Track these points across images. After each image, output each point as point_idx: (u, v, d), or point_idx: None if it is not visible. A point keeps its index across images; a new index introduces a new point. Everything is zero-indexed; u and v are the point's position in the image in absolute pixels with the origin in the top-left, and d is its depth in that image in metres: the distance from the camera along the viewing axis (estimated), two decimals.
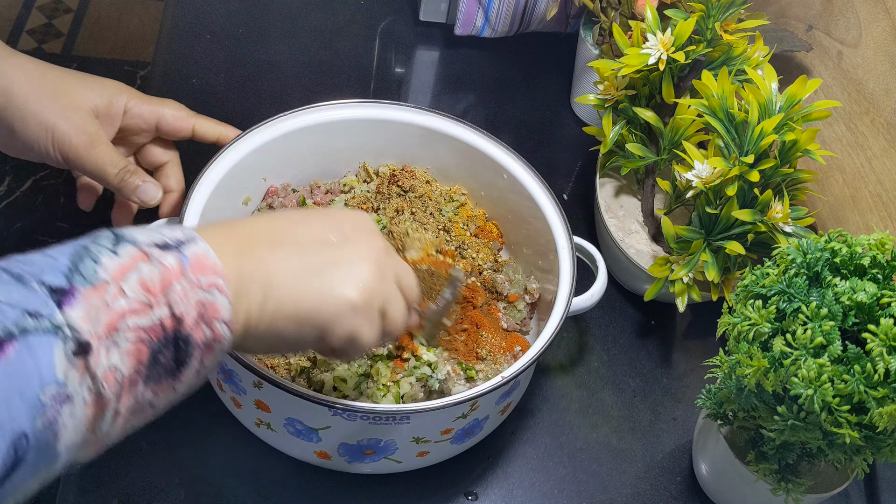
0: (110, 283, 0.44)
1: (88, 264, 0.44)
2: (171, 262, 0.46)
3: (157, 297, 0.45)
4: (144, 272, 0.45)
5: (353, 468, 0.75)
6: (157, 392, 0.46)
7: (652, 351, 0.93)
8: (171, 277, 0.46)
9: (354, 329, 0.55)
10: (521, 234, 0.88)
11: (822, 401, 0.59)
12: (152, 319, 0.45)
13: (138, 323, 0.44)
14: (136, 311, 0.44)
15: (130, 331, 0.44)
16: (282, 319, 0.52)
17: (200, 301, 0.47)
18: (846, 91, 0.97)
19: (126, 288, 0.44)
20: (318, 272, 0.54)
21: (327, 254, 0.55)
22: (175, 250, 0.47)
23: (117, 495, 0.73)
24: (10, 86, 0.70)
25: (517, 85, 1.17)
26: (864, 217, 0.93)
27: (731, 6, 0.85)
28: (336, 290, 0.54)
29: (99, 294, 0.43)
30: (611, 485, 0.82)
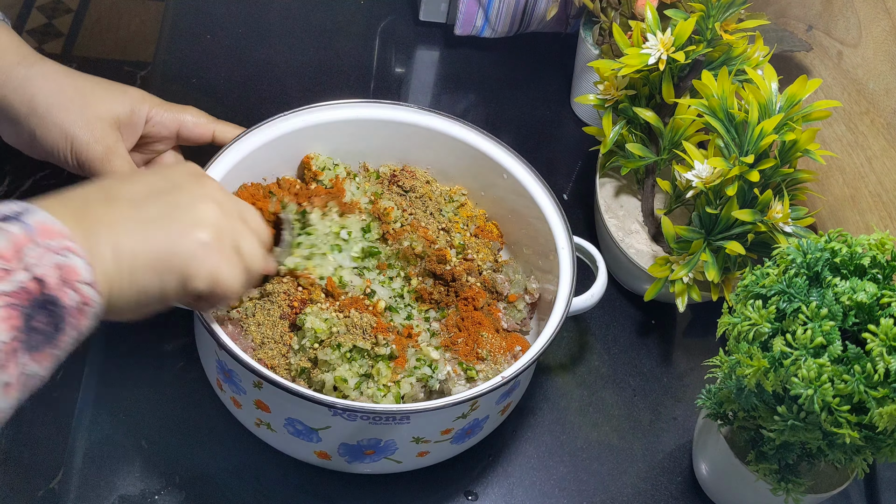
0: None
1: None
2: (16, 230, 0.46)
3: (12, 262, 0.45)
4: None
5: (353, 468, 0.75)
6: (40, 361, 0.47)
7: (652, 351, 0.93)
8: (21, 243, 0.46)
9: (214, 267, 0.56)
10: (521, 234, 0.88)
11: (822, 401, 0.59)
12: (14, 284, 0.45)
13: (2, 288, 0.44)
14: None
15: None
16: (140, 272, 0.53)
17: (57, 264, 0.47)
18: (846, 91, 0.97)
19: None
20: (162, 218, 0.54)
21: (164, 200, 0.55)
22: (16, 220, 0.46)
23: (117, 495, 0.73)
24: (36, 94, 0.72)
25: (517, 85, 1.17)
26: (864, 217, 0.93)
27: (731, 6, 0.85)
28: (184, 231, 0.55)
29: None
30: (611, 484, 0.82)
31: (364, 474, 0.76)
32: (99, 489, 0.73)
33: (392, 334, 0.76)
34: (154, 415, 0.78)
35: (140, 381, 0.80)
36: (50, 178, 0.91)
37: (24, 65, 0.72)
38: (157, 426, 0.78)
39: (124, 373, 0.80)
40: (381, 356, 0.74)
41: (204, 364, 0.78)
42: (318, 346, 0.74)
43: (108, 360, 0.81)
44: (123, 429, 0.77)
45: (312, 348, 0.74)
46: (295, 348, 0.74)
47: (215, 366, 0.74)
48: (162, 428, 0.78)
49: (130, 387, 0.80)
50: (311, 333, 0.73)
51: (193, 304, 0.60)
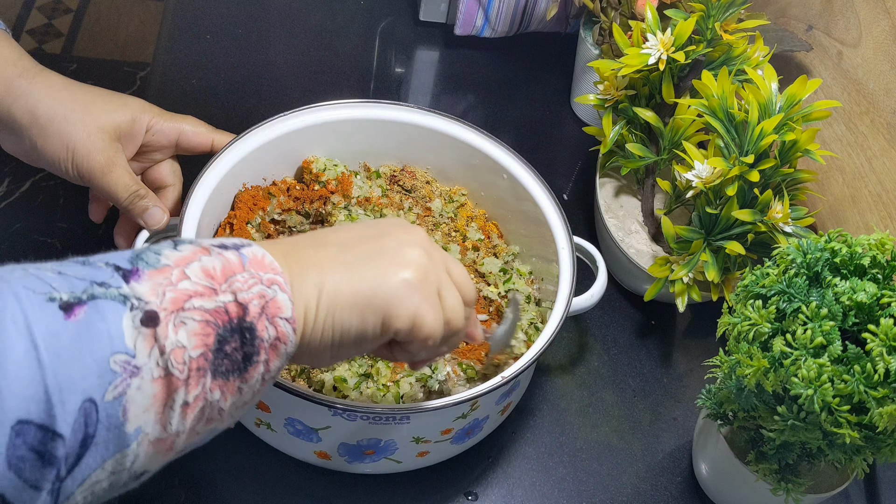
0: (173, 267, 0.45)
1: (150, 255, 0.46)
2: (232, 257, 0.48)
3: (221, 283, 0.46)
4: (206, 262, 0.47)
5: (353, 468, 0.75)
6: (224, 390, 0.46)
7: (652, 351, 0.93)
8: (233, 269, 0.47)
9: (416, 307, 0.54)
10: (521, 235, 0.88)
11: (822, 401, 0.59)
12: (217, 303, 0.45)
13: (203, 305, 0.45)
14: (200, 293, 0.45)
15: (196, 311, 0.44)
16: (341, 310, 0.52)
17: (262, 293, 0.47)
18: (846, 91, 0.97)
19: (189, 272, 0.45)
20: (368, 259, 0.54)
21: (372, 244, 0.55)
22: (233, 250, 0.48)
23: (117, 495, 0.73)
24: (37, 105, 0.72)
25: (517, 85, 1.17)
26: (864, 217, 0.93)
27: (731, 6, 0.85)
28: (390, 271, 0.54)
29: (163, 275, 0.45)
30: (611, 484, 0.82)
31: (364, 474, 0.76)
32: None
33: None
34: None
35: None
36: (48, 178, 0.91)
37: (26, 77, 0.73)
38: None
39: None
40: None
41: None
42: None
43: None
44: None
45: None
46: None
47: None
48: None
49: None
50: None
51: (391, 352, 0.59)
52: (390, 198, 0.87)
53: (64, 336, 0.39)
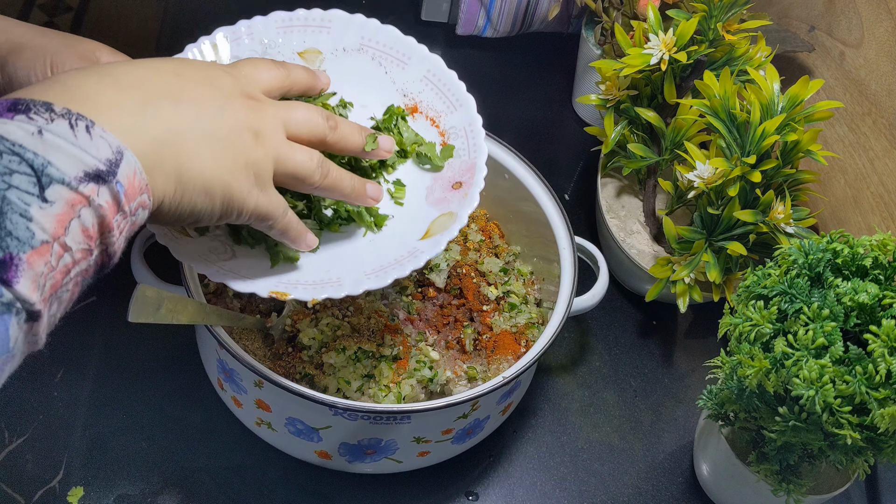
0: (52, 243, 0.41)
1: (19, 222, 0.40)
2: (108, 198, 0.44)
3: (96, 240, 0.44)
4: (85, 219, 0.43)
5: (353, 468, 0.75)
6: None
7: (653, 351, 0.93)
8: (109, 217, 0.44)
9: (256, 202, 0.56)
10: (523, 235, 0.88)
11: (823, 402, 0.59)
12: (90, 263, 0.45)
13: (78, 269, 0.44)
14: (77, 261, 0.43)
15: (71, 280, 0.43)
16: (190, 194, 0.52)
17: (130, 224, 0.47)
18: (848, 92, 0.97)
19: (69, 241, 0.42)
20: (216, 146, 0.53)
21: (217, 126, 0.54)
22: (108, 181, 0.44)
23: (117, 494, 0.73)
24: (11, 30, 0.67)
25: (519, 85, 1.16)
26: (866, 218, 0.93)
27: (734, 6, 0.85)
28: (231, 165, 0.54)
29: (42, 257, 0.41)
30: (612, 485, 0.82)
31: (365, 474, 0.76)
32: (99, 489, 0.73)
33: (399, 336, 0.76)
34: (154, 414, 0.78)
35: (140, 381, 0.80)
36: None
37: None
38: (157, 426, 0.78)
39: (124, 372, 0.80)
40: (385, 357, 0.74)
41: (204, 363, 0.78)
42: (324, 349, 0.74)
43: (109, 359, 0.81)
44: (124, 428, 0.77)
45: (319, 353, 0.74)
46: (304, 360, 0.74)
47: (216, 365, 0.74)
48: (162, 427, 0.78)
49: (131, 386, 0.80)
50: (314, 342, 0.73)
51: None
52: None
53: None
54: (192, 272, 0.71)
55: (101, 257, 0.45)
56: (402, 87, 0.72)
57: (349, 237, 0.66)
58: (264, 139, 0.56)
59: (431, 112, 0.72)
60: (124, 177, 0.45)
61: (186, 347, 0.81)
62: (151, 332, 0.81)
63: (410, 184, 0.69)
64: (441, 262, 0.82)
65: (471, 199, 0.65)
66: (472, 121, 0.70)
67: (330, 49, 0.72)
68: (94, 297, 0.84)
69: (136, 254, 0.73)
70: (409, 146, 0.70)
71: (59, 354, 0.80)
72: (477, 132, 0.69)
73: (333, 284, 0.61)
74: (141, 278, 0.72)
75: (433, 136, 0.71)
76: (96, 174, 0.43)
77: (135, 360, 0.81)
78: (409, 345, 0.77)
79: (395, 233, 0.66)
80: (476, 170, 0.67)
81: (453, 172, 0.69)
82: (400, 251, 0.64)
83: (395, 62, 0.72)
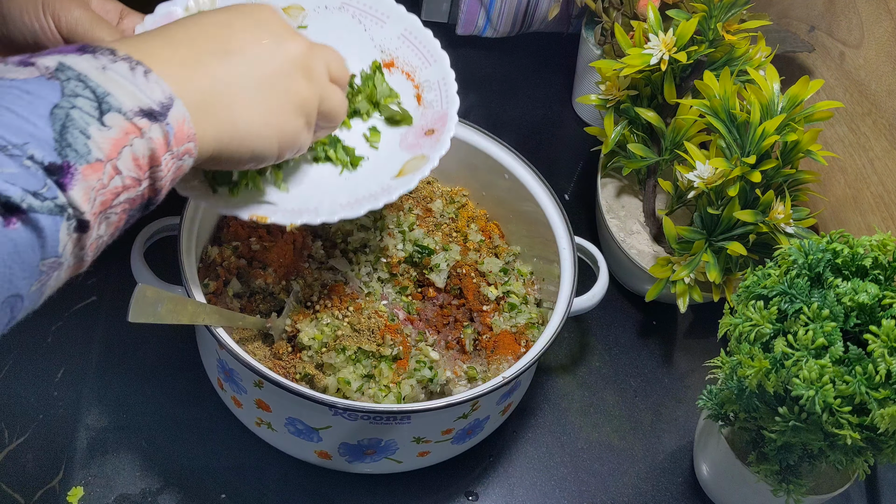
0: (105, 163, 0.44)
1: (78, 137, 0.43)
2: (158, 135, 0.47)
3: (145, 173, 0.47)
4: (137, 148, 0.46)
5: (353, 468, 0.75)
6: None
7: (653, 351, 0.93)
8: (159, 153, 0.47)
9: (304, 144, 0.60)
10: (523, 235, 0.88)
11: (823, 402, 0.59)
12: (138, 192, 0.47)
13: (127, 197, 0.47)
14: (127, 187, 0.46)
15: (119, 205, 0.46)
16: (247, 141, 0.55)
17: (177, 167, 0.50)
18: (848, 92, 0.97)
19: (120, 165, 0.45)
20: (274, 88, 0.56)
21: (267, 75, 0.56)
22: (160, 121, 0.47)
23: (117, 494, 0.73)
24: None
25: (519, 85, 1.16)
26: (866, 218, 0.93)
27: (734, 7, 0.85)
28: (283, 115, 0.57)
29: (96, 173, 0.44)
30: (612, 485, 0.82)
31: (364, 474, 0.76)
32: (99, 488, 0.73)
33: (399, 336, 0.76)
34: (154, 414, 0.78)
35: (140, 381, 0.80)
36: None
37: None
38: (157, 426, 0.78)
39: (124, 372, 0.80)
40: (385, 357, 0.74)
41: (204, 363, 0.78)
42: (324, 349, 0.74)
43: (109, 359, 0.81)
44: (123, 428, 0.77)
45: (319, 353, 0.74)
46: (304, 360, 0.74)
47: (216, 365, 0.74)
48: (162, 427, 0.78)
49: (131, 386, 0.80)
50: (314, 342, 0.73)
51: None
52: None
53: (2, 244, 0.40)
54: (191, 272, 0.71)
55: (148, 191, 0.48)
56: (379, 44, 0.76)
57: (326, 176, 0.70)
58: (313, 78, 0.59)
59: (407, 67, 0.76)
60: (174, 120, 0.48)
61: (186, 347, 0.81)
62: (151, 332, 0.81)
63: (385, 130, 0.74)
64: (441, 262, 0.82)
65: (442, 143, 0.69)
66: (445, 74, 0.74)
67: (313, 6, 0.75)
68: (94, 297, 0.84)
69: (136, 254, 0.73)
70: (381, 99, 0.74)
71: (59, 354, 0.80)
72: (450, 85, 0.73)
73: (311, 212, 0.65)
74: (141, 278, 0.72)
75: (408, 89, 0.75)
76: (149, 112, 0.47)
77: (135, 360, 0.81)
78: (409, 345, 0.77)
79: (369, 172, 0.71)
80: (448, 118, 0.71)
81: (426, 121, 0.73)
82: (374, 187, 0.68)
83: (374, 20, 0.76)
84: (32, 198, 0.41)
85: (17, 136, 0.41)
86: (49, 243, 0.42)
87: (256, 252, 0.79)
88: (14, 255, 0.41)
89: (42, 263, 0.42)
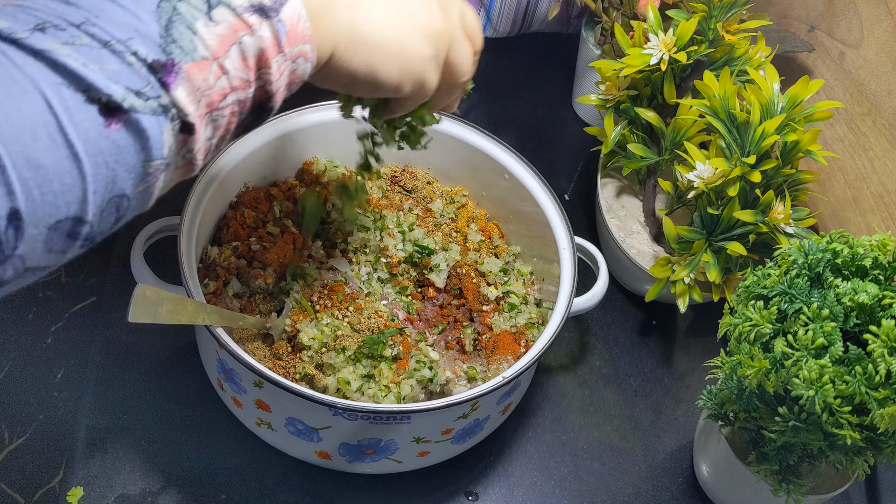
0: (211, 61, 0.43)
1: (184, 33, 0.41)
2: (268, 34, 0.45)
3: (254, 73, 0.45)
4: (246, 45, 0.44)
5: (353, 468, 0.75)
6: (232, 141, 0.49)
7: (653, 351, 0.93)
8: (269, 53, 0.45)
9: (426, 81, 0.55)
10: (523, 235, 0.88)
11: (823, 402, 0.59)
12: (247, 94, 0.45)
13: (236, 98, 0.45)
14: (235, 88, 0.44)
15: (228, 107, 0.44)
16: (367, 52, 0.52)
17: (291, 72, 0.47)
18: (848, 92, 0.97)
19: (227, 64, 0.43)
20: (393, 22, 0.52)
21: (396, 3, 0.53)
22: (271, 18, 0.45)
23: (117, 494, 0.73)
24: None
25: (519, 85, 1.16)
26: (866, 218, 0.93)
27: (733, 7, 0.85)
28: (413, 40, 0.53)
29: (201, 72, 0.42)
30: (612, 484, 0.82)
31: (364, 474, 0.76)
32: (99, 488, 0.73)
33: (400, 336, 0.76)
34: (154, 414, 0.78)
35: (140, 381, 0.80)
36: None
37: None
38: (157, 425, 0.78)
39: (124, 372, 0.80)
40: (385, 357, 0.74)
41: (204, 363, 0.78)
42: (324, 349, 0.74)
43: (109, 359, 0.81)
44: (123, 428, 0.77)
45: (319, 353, 0.74)
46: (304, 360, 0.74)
47: (216, 365, 0.74)
48: (162, 427, 0.78)
49: (131, 386, 0.80)
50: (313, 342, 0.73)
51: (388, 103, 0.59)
52: (391, 199, 0.87)
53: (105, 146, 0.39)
54: (191, 272, 0.71)
55: (259, 93, 0.46)
56: None
57: None
58: (449, 17, 0.56)
59: None
60: (287, 18, 0.46)
61: (186, 347, 0.81)
62: (151, 332, 0.81)
63: None
64: (441, 262, 0.82)
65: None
66: None
67: None
68: (94, 297, 0.84)
69: (136, 254, 0.73)
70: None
71: (59, 354, 0.80)
72: None
73: None
74: (141, 278, 0.72)
75: None
76: (260, 7, 0.44)
77: (135, 360, 0.81)
78: (409, 345, 0.77)
79: None
80: None
81: None
82: None
83: None
84: (135, 97, 0.39)
85: (122, 31, 0.40)
86: (153, 144, 0.41)
87: (256, 252, 0.79)
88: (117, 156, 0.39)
89: (147, 165, 0.41)
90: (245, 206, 0.82)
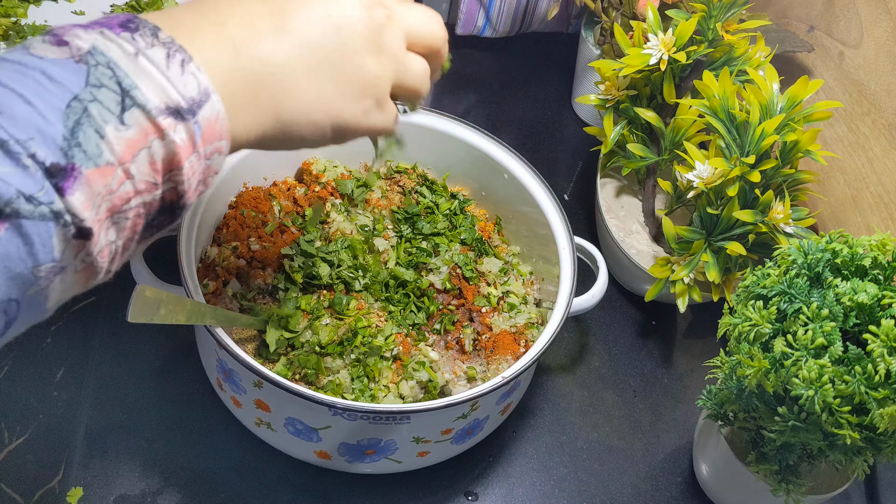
0: (116, 167, 0.40)
1: (91, 137, 0.39)
2: (183, 136, 0.43)
3: (162, 176, 0.43)
4: (155, 151, 0.42)
5: (353, 468, 0.75)
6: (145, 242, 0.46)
7: (653, 351, 0.93)
8: (182, 155, 0.43)
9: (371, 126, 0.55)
10: (523, 235, 0.88)
11: (822, 402, 0.59)
12: (154, 196, 0.43)
13: (141, 201, 0.42)
14: (140, 192, 0.42)
15: (132, 210, 0.42)
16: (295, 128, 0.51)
17: (205, 168, 0.45)
18: (847, 92, 0.97)
19: (133, 169, 0.41)
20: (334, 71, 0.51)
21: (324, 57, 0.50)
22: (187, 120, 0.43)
23: (117, 494, 0.73)
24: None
25: (518, 85, 1.17)
26: (866, 218, 0.93)
27: (733, 6, 0.85)
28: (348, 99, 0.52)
29: (104, 178, 0.40)
30: (611, 485, 0.82)
31: (364, 474, 0.76)
32: (99, 488, 0.73)
33: (400, 336, 0.76)
34: (154, 414, 0.78)
35: (140, 381, 0.80)
36: None
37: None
38: (157, 426, 0.78)
39: (124, 372, 0.80)
40: (385, 357, 0.74)
41: (204, 363, 0.78)
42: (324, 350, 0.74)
43: (108, 359, 0.81)
44: (123, 428, 0.77)
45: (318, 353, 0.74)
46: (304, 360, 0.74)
47: (215, 365, 0.74)
48: (162, 427, 0.78)
49: (130, 386, 0.80)
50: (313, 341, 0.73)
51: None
52: (390, 199, 0.87)
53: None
54: (191, 272, 0.71)
55: (170, 194, 0.44)
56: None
57: None
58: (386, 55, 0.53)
59: None
60: (204, 119, 0.44)
61: (186, 347, 0.81)
62: (151, 332, 0.82)
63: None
64: (441, 262, 0.82)
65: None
66: None
67: None
68: (93, 297, 0.84)
69: (136, 254, 0.73)
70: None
71: (59, 354, 0.80)
72: None
73: None
74: (140, 278, 0.72)
75: None
76: (177, 109, 0.42)
77: (135, 360, 0.81)
78: (408, 345, 0.77)
79: None
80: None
81: None
82: None
83: None
84: (24, 202, 0.37)
85: (23, 131, 0.37)
86: (39, 250, 0.38)
87: (256, 252, 0.79)
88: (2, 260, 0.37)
89: (36, 269, 0.39)
90: (245, 206, 0.82)
